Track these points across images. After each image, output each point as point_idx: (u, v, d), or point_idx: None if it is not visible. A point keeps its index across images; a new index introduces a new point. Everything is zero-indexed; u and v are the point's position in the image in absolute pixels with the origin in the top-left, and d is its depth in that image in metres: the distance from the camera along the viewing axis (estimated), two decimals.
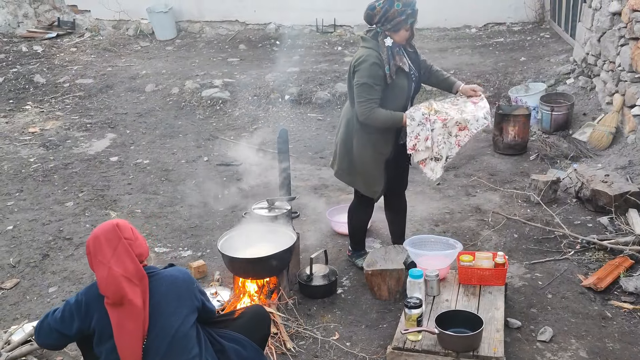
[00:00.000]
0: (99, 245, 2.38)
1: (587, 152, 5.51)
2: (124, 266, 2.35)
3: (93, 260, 2.39)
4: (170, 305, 2.41)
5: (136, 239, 2.45)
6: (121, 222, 2.46)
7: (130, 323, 2.33)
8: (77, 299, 2.43)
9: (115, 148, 6.42)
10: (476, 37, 8.87)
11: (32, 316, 3.66)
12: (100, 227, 2.44)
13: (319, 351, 3.23)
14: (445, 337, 2.89)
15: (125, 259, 2.36)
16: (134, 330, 2.33)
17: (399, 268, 3.58)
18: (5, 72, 8.97)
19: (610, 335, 3.25)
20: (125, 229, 2.44)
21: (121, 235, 2.39)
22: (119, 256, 2.36)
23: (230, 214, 4.83)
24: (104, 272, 2.34)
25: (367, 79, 3.35)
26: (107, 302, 2.35)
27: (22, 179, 5.75)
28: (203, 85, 7.76)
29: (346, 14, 9.60)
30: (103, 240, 2.38)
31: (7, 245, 4.55)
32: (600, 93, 6.08)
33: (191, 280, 2.53)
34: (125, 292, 2.31)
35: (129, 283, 2.33)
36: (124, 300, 2.32)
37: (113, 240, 2.38)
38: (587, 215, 4.51)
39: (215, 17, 10.24)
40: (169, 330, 2.39)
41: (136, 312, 2.33)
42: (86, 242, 2.44)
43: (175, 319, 2.40)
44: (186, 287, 2.48)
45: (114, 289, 2.32)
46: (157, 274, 2.46)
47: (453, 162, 5.67)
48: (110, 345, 2.36)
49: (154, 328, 2.37)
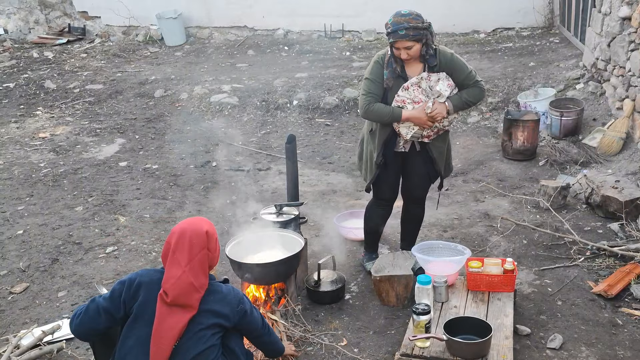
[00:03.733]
0: (182, 245, 2.40)
1: (597, 158, 5.48)
2: (197, 276, 2.39)
3: (170, 256, 2.41)
4: (208, 320, 2.44)
5: (215, 250, 2.49)
6: (211, 230, 2.48)
7: (173, 321, 2.36)
8: (131, 278, 2.46)
9: (125, 153, 6.46)
10: (485, 42, 8.85)
11: (41, 320, 3.68)
12: (192, 224, 2.45)
13: (327, 357, 3.22)
14: (453, 344, 2.87)
15: (199, 270, 2.40)
16: (173, 328, 2.36)
17: (407, 274, 3.57)
18: (16, 77, 9.07)
19: (621, 342, 3.21)
20: (212, 238, 2.47)
21: (206, 245, 2.43)
22: (195, 264, 2.39)
23: (238, 219, 4.84)
24: (176, 272, 2.37)
25: (368, 74, 3.51)
26: (162, 298, 2.37)
27: (33, 183, 5.79)
28: (212, 91, 7.80)
29: (354, 19, 9.62)
30: (188, 242, 2.40)
31: (17, 250, 4.58)
32: (610, 98, 6.05)
33: (234, 301, 2.52)
34: (187, 300, 2.36)
35: (194, 292, 2.38)
36: (182, 306, 2.36)
37: (197, 247, 2.41)
38: (597, 222, 4.47)
39: (224, 23, 10.29)
40: (200, 340, 2.42)
41: (185, 317, 2.37)
42: (171, 231, 2.46)
43: (207, 332, 2.43)
44: (229, 307, 2.49)
45: (179, 292, 2.36)
46: (212, 285, 2.48)
47: (462, 168, 5.66)
48: (142, 333, 2.38)
49: (188, 333, 2.41)
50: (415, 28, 3.29)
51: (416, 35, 3.30)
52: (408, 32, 3.28)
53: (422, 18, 3.34)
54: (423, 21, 3.33)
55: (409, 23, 3.28)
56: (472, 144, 6.20)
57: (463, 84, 3.50)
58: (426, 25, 3.34)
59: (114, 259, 4.38)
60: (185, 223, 2.47)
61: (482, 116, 6.75)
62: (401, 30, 3.28)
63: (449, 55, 3.47)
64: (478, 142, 6.23)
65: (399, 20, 3.30)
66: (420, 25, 3.31)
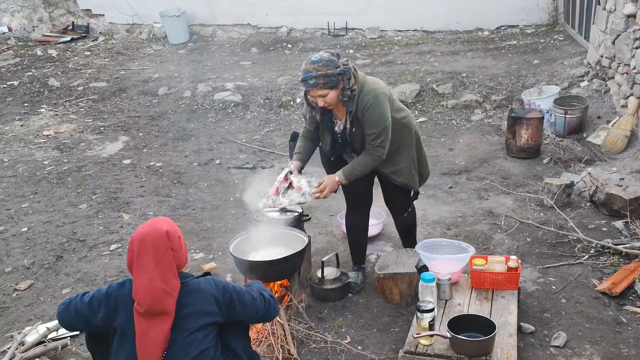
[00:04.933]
0: (144, 250, 2.28)
1: (602, 156, 5.46)
2: (166, 280, 2.27)
3: (134, 263, 2.30)
4: (194, 322, 2.33)
5: (180, 249, 2.37)
6: (171, 230, 2.34)
7: (155, 333, 2.27)
8: (108, 292, 2.37)
9: (128, 151, 6.47)
10: (489, 40, 8.82)
11: (45, 317, 3.69)
12: (151, 228, 2.32)
13: (330, 354, 3.22)
14: (457, 342, 2.87)
15: (168, 273, 2.28)
16: (157, 340, 2.27)
17: (411, 272, 3.57)
18: (20, 75, 9.09)
19: (625, 340, 3.21)
20: (174, 237, 2.34)
21: (169, 246, 2.30)
22: (163, 268, 2.27)
23: (242, 216, 4.84)
24: (144, 280, 2.26)
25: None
26: (137, 310, 2.27)
27: (37, 181, 5.81)
28: (215, 89, 7.80)
29: (358, 17, 9.61)
30: (150, 246, 2.28)
31: (22, 247, 4.60)
32: (614, 96, 6.02)
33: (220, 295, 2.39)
34: (162, 307, 2.26)
35: (167, 298, 2.27)
36: (158, 314, 2.26)
37: (160, 250, 2.28)
38: (601, 220, 4.46)
39: (227, 21, 10.28)
40: (192, 344, 2.32)
41: (164, 325, 2.28)
42: (131, 238, 2.34)
43: (197, 335, 2.33)
44: (214, 302, 2.37)
45: (152, 301, 2.25)
46: (188, 285, 2.36)
47: (465, 166, 5.65)
48: (130, 348, 2.31)
49: (176, 342, 2.31)
50: (326, 76, 3.09)
51: (328, 83, 3.12)
52: (318, 81, 3.10)
53: (335, 62, 3.13)
54: (337, 65, 3.12)
55: (318, 71, 3.09)
56: (476, 141, 6.19)
57: (365, 141, 3.33)
58: (341, 70, 3.12)
59: (117, 257, 4.39)
60: (144, 227, 2.34)
61: (486, 114, 6.73)
62: (310, 80, 3.11)
63: (368, 103, 3.23)
64: (482, 140, 6.21)
65: (308, 68, 3.12)
66: (332, 72, 3.09)
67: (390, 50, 8.80)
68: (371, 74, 7.63)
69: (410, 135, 3.56)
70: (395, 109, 3.43)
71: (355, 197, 3.71)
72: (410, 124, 3.57)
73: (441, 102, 7.01)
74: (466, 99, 6.92)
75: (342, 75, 3.15)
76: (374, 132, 3.28)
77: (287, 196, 3.33)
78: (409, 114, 3.60)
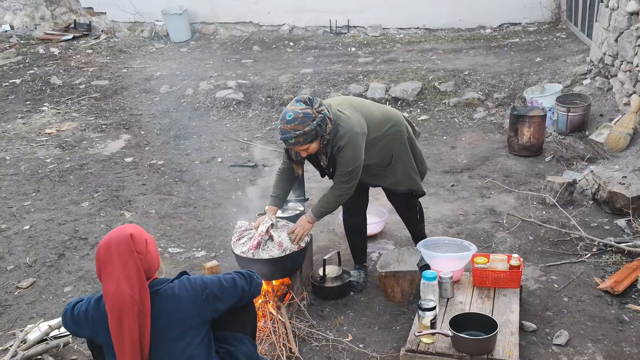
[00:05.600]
0: (109, 256, 2.24)
1: (604, 154, 5.44)
2: (132, 284, 2.20)
3: (102, 271, 2.26)
4: (174, 331, 2.27)
5: (148, 253, 2.29)
6: (135, 232, 2.30)
7: (128, 345, 2.21)
8: (87, 311, 2.33)
9: (130, 149, 6.47)
10: (491, 38, 8.81)
11: (47, 315, 3.70)
12: (114, 234, 2.28)
13: (332, 353, 3.22)
14: (459, 340, 2.87)
15: (133, 276, 2.21)
16: (132, 353, 2.20)
17: (413, 270, 3.56)
18: (22, 73, 9.10)
19: (627, 339, 3.20)
20: (139, 240, 2.28)
21: (133, 248, 2.24)
22: (128, 272, 2.21)
23: (243, 214, 4.84)
24: (112, 287, 2.21)
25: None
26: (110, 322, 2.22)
27: (39, 179, 5.81)
28: (217, 87, 7.80)
29: (360, 15, 9.60)
30: (114, 251, 2.24)
31: (24, 245, 4.60)
32: (617, 94, 6.01)
33: (197, 295, 2.32)
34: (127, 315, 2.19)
35: (132, 305, 2.19)
36: (124, 323, 2.19)
37: (125, 253, 2.23)
38: (603, 218, 4.45)
39: (229, 19, 10.28)
40: (173, 356, 2.27)
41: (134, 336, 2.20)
42: (97, 248, 2.32)
43: (179, 344, 2.27)
44: (192, 304, 2.30)
45: (119, 307, 2.18)
46: (161, 293, 2.29)
47: (467, 164, 5.64)
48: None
49: (156, 353, 2.25)
50: (305, 133, 3.08)
51: (308, 139, 3.12)
52: (298, 140, 3.10)
53: (310, 116, 3.08)
54: (313, 118, 3.09)
55: (296, 131, 3.07)
56: (478, 139, 6.18)
57: (335, 176, 3.37)
58: (317, 122, 3.09)
59: None
60: (108, 235, 2.29)
61: (488, 112, 6.72)
62: (290, 139, 3.11)
63: (342, 146, 3.22)
64: (484, 138, 6.20)
65: (285, 128, 3.10)
66: (309, 128, 3.07)
67: (392, 48, 8.79)
68: (373, 72, 7.64)
69: (402, 143, 3.51)
70: (377, 128, 3.39)
71: (350, 204, 3.67)
72: (399, 131, 3.50)
73: (443, 100, 7.00)
74: (468, 97, 6.91)
75: (319, 126, 3.13)
76: (344, 171, 3.30)
77: (268, 251, 3.34)
78: (397, 119, 3.51)
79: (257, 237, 3.34)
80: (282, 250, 3.32)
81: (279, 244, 3.33)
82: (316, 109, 3.15)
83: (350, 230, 3.87)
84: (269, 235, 3.37)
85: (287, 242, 3.35)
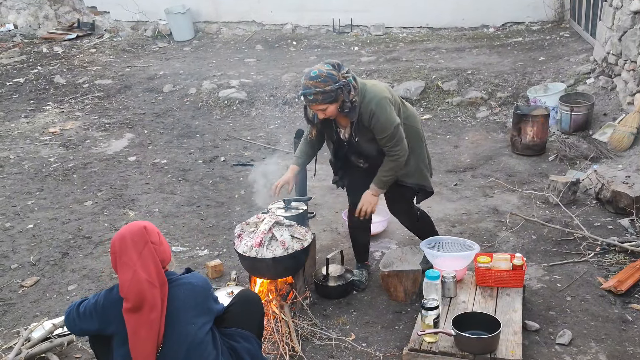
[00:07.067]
0: (125, 246, 2.36)
1: (608, 153, 5.43)
2: (149, 271, 2.33)
3: (118, 261, 2.37)
4: (187, 313, 2.40)
5: (161, 244, 2.45)
6: (149, 225, 2.45)
7: (144, 330, 2.31)
8: (97, 301, 2.43)
9: (134, 148, 6.48)
10: (494, 37, 8.79)
11: (51, 314, 3.71)
12: (128, 227, 2.42)
13: (335, 351, 3.23)
14: (462, 339, 2.87)
15: (149, 264, 2.35)
16: (148, 337, 2.32)
17: (416, 269, 3.56)
18: (26, 72, 9.12)
19: (630, 339, 3.20)
20: (153, 232, 2.43)
21: (148, 239, 2.38)
22: (144, 260, 2.34)
23: (246, 213, 4.85)
24: (128, 274, 2.32)
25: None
26: (126, 308, 2.33)
27: (43, 178, 5.83)
28: (220, 86, 7.81)
29: (363, 14, 9.60)
30: (129, 242, 2.36)
31: (28, 244, 4.62)
32: (621, 93, 5.99)
33: (208, 287, 2.52)
34: (147, 297, 2.30)
35: (151, 288, 2.32)
36: (144, 306, 2.30)
37: (140, 243, 2.36)
38: (607, 217, 4.45)
39: (232, 18, 10.29)
40: (186, 338, 2.38)
41: (153, 318, 2.32)
42: (111, 241, 2.43)
43: (192, 327, 2.39)
44: (204, 295, 2.48)
45: (136, 292, 2.30)
46: (177, 281, 2.45)
47: (470, 163, 5.64)
48: (125, 351, 2.36)
49: (171, 336, 2.37)
50: (324, 92, 3.11)
51: (327, 99, 3.14)
52: (317, 97, 3.13)
53: (334, 77, 3.13)
54: (336, 80, 3.13)
55: (317, 87, 3.11)
56: (481, 139, 6.18)
57: (380, 146, 3.36)
58: (340, 85, 3.13)
59: None
60: (121, 229, 2.44)
61: (491, 111, 6.71)
62: (310, 95, 3.14)
63: (372, 111, 3.24)
64: (487, 137, 6.20)
65: (307, 84, 3.14)
66: (330, 87, 3.11)
67: (395, 47, 8.79)
68: (376, 71, 7.63)
69: (417, 134, 3.57)
70: (399, 111, 3.44)
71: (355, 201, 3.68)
72: (416, 122, 3.58)
73: (446, 99, 6.99)
74: (471, 96, 6.90)
75: (341, 90, 3.16)
76: (385, 135, 3.31)
77: (272, 250, 3.34)
78: (411, 112, 3.59)
79: (259, 235, 3.35)
80: (285, 250, 3.33)
81: (282, 243, 3.34)
82: (342, 74, 3.21)
83: (354, 229, 3.87)
84: (271, 234, 3.37)
85: (289, 241, 3.36)
